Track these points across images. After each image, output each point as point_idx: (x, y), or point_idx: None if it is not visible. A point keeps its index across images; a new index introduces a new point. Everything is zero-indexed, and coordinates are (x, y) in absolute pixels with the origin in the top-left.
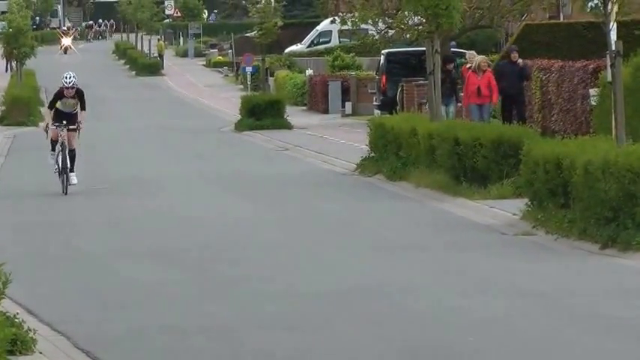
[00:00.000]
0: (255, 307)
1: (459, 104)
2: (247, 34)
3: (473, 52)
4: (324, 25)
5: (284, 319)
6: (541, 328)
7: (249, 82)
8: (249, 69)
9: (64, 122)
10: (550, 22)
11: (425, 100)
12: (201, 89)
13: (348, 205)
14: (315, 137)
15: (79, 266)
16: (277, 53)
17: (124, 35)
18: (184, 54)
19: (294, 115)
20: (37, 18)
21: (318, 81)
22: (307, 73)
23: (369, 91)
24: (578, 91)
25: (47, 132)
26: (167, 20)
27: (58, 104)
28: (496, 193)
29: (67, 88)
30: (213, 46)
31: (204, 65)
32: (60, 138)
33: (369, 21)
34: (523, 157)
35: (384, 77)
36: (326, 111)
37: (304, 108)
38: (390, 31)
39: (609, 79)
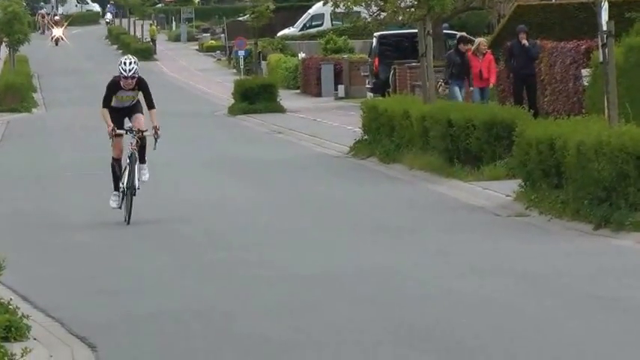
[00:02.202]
0: (249, 291)
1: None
2: (240, 18)
3: (464, 33)
4: (317, 8)
5: (279, 302)
6: (535, 309)
7: (241, 66)
8: (241, 53)
9: (129, 124)
10: (542, 3)
11: (418, 82)
12: (194, 73)
13: (342, 188)
14: (308, 120)
15: (72, 252)
16: (270, 37)
17: (118, 20)
18: (177, 38)
19: (287, 98)
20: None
21: (311, 64)
22: (300, 57)
23: (362, 73)
24: (570, 71)
25: (113, 139)
26: (159, 5)
27: (113, 100)
28: (489, 174)
29: (127, 78)
30: (205, 31)
31: (196, 49)
32: (130, 149)
33: (362, 3)
34: (516, 138)
35: (376, 60)
36: (319, 94)
37: (297, 91)
38: (382, 13)
39: (601, 59)
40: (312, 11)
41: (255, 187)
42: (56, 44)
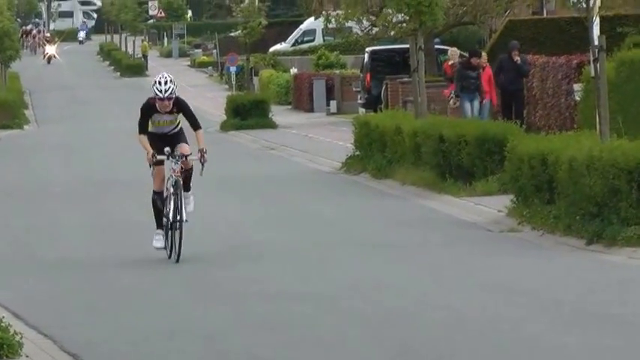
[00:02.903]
0: (242, 309)
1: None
2: (231, 34)
3: (455, 48)
4: (308, 23)
5: (270, 319)
6: (528, 325)
7: (233, 82)
8: (233, 69)
9: (168, 148)
10: (533, 18)
11: (410, 98)
12: (186, 89)
13: (334, 204)
14: (300, 136)
15: (65, 270)
16: (262, 52)
17: (108, 37)
18: (169, 54)
19: (279, 114)
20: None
21: (303, 80)
22: (292, 72)
23: (354, 89)
24: (562, 86)
25: (154, 167)
26: (151, 21)
27: (150, 126)
28: (481, 189)
29: (163, 99)
30: (197, 46)
31: (188, 65)
32: (173, 176)
33: (353, 19)
34: (508, 154)
35: (368, 75)
36: (311, 110)
37: (289, 107)
38: (373, 28)
39: (593, 74)
40: (303, 27)
41: (247, 204)
42: (48, 62)
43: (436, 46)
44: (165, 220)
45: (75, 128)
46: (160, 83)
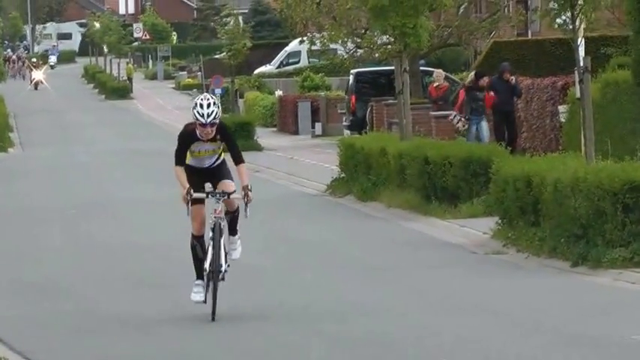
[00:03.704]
0: (223, 333)
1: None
2: (216, 56)
3: (440, 70)
4: (293, 45)
5: (255, 343)
6: (512, 347)
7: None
8: (218, 91)
9: (209, 184)
10: (518, 40)
11: (395, 120)
12: (171, 112)
13: (319, 227)
14: (285, 159)
15: (49, 293)
16: (246, 74)
17: (93, 59)
18: (153, 77)
19: (264, 136)
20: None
21: (288, 102)
22: (277, 94)
23: (339, 111)
24: (547, 108)
25: (190, 206)
26: (136, 43)
27: (188, 157)
28: (466, 212)
29: (205, 125)
30: (182, 69)
31: (173, 88)
32: (213, 218)
33: (338, 41)
34: (493, 176)
35: (353, 97)
36: (296, 132)
37: (274, 129)
38: (358, 50)
39: (578, 95)
40: (288, 49)
41: None
42: (35, 88)
43: (421, 68)
44: (206, 268)
45: (60, 151)
46: (201, 106)
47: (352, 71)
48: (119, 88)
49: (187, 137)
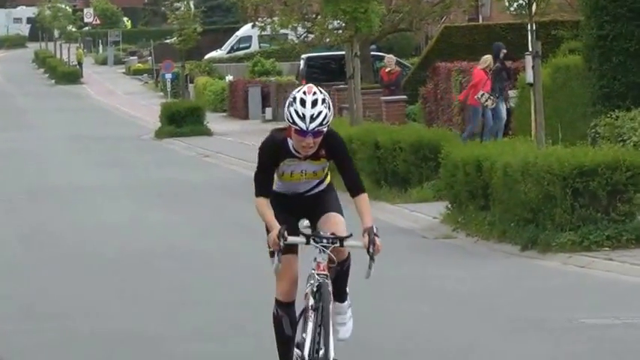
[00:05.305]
0: (173, 315)
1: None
2: (167, 41)
3: (391, 55)
4: (244, 30)
5: (207, 328)
6: (463, 331)
7: (169, 89)
8: (168, 76)
9: (307, 222)
10: (469, 25)
11: (345, 104)
12: (121, 97)
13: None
14: (235, 143)
15: None
16: (197, 59)
17: (43, 44)
18: (104, 62)
19: (214, 121)
20: None
21: (238, 87)
22: (227, 79)
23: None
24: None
25: (279, 257)
26: (86, 28)
27: (276, 181)
28: (417, 196)
29: (306, 133)
30: (132, 54)
31: (123, 73)
32: (315, 275)
33: (288, 26)
34: (442, 160)
35: (304, 82)
36: (246, 117)
37: (224, 114)
38: (309, 35)
39: (528, 80)
40: (239, 33)
41: (179, 211)
42: None
43: (372, 53)
44: (297, 353)
45: (9, 137)
46: (302, 102)
47: (303, 56)
48: (69, 73)
49: (275, 152)
